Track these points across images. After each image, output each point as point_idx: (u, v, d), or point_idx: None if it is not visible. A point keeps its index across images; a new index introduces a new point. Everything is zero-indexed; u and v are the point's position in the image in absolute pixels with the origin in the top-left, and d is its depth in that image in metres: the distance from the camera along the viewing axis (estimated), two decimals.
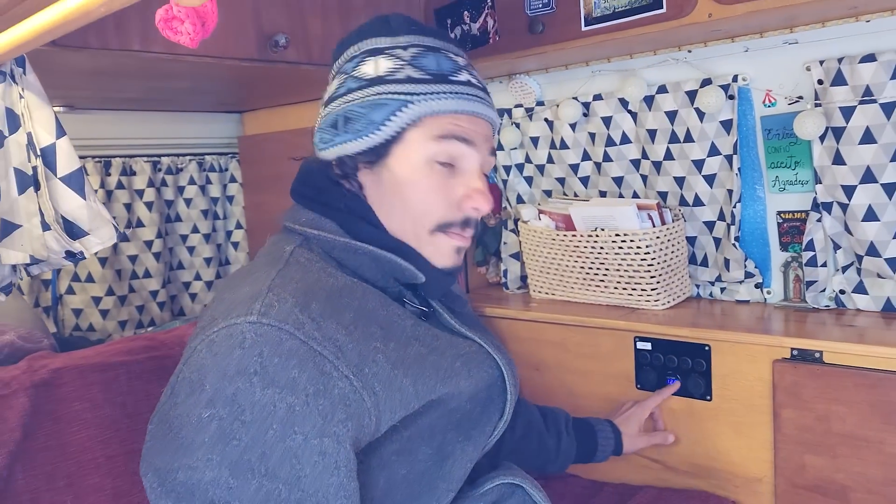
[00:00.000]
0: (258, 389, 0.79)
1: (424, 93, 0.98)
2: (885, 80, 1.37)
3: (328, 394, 0.83)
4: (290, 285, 0.90)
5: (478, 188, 1.02)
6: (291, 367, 0.81)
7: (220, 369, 0.81)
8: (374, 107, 0.99)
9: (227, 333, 0.83)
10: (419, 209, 1.01)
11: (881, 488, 1.30)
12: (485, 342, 1.10)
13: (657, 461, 1.60)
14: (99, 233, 1.15)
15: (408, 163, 1.00)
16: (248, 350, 0.81)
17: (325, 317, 0.87)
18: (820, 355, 1.35)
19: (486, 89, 1.07)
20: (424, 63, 1.00)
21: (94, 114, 2.04)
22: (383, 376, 0.89)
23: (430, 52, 1.02)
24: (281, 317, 0.84)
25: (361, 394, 0.85)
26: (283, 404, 0.80)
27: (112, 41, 1.26)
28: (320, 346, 0.84)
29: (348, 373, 0.85)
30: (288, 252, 0.98)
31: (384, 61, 1.01)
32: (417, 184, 1.00)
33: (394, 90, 0.99)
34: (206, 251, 2.33)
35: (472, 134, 1.01)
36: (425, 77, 1.00)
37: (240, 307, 0.86)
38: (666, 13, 1.36)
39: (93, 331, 2.09)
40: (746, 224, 1.66)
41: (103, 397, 1.26)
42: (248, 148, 2.32)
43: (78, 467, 1.21)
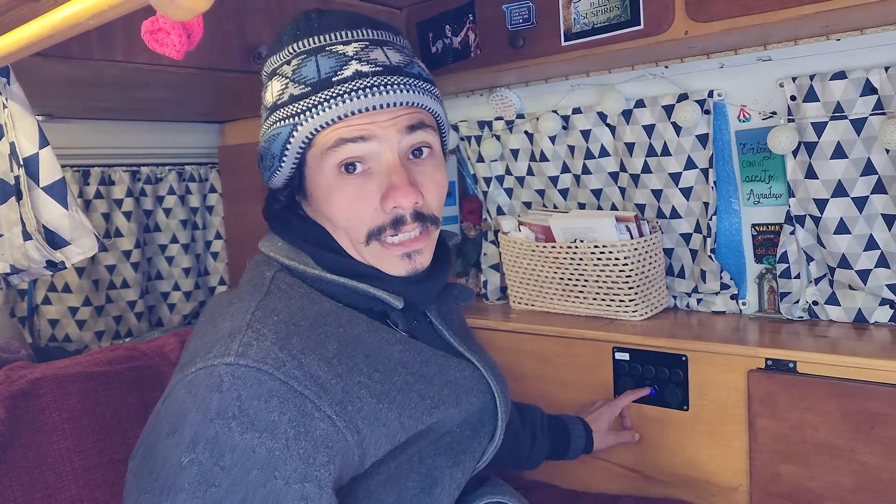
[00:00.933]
0: (237, 434, 0.76)
1: (306, 109, 0.90)
2: (855, 96, 1.41)
3: (310, 436, 0.79)
4: (271, 318, 0.86)
5: (392, 184, 0.91)
6: (271, 410, 0.78)
7: (200, 412, 0.78)
8: (271, 139, 0.94)
9: (205, 374, 0.80)
10: (345, 225, 0.94)
11: (853, 496, 1.32)
12: (479, 362, 1.05)
13: (635, 471, 1.61)
14: (80, 242, 1.14)
15: (318, 184, 0.94)
16: (226, 393, 0.78)
17: (306, 352, 0.84)
18: (794, 365, 1.38)
19: (393, 67, 0.93)
20: (304, 73, 0.91)
21: (73, 123, 2.02)
22: (367, 412, 0.85)
23: (310, 56, 0.92)
24: (260, 356, 0.81)
25: (344, 433, 0.82)
26: (263, 449, 0.77)
27: (95, 51, 1.26)
28: (301, 385, 0.81)
29: (331, 412, 0.82)
30: (269, 278, 0.94)
31: (275, 83, 0.95)
32: (333, 200, 0.93)
33: (281, 116, 0.92)
34: (184, 261, 2.31)
35: (367, 128, 0.90)
36: (305, 91, 0.91)
37: (218, 346, 0.83)
38: (643, 30, 1.39)
39: (69, 341, 2.07)
40: (722, 236, 1.69)
41: (82, 407, 1.24)
42: (227, 158, 2.32)
43: (56, 478, 1.19)
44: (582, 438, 1.50)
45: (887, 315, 1.51)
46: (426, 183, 0.95)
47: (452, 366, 1.00)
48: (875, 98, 1.39)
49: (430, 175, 0.96)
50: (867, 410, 1.30)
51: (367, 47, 0.93)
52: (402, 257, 0.95)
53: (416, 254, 0.96)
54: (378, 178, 0.92)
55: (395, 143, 0.92)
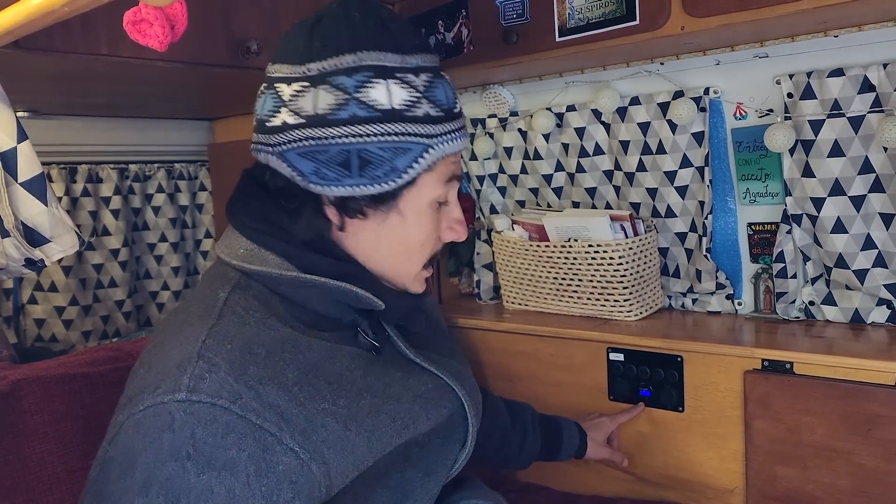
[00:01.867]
0: (192, 475, 0.72)
1: (440, 134, 0.91)
2: (853, 94, 1.39)
3: (272, 471, 0.75)
4: (224, 346, 0.80)
5: (459, 219, 1.00)
6: (229, 447, 0.73)
7: (150, 454, 0.73)
8: (397, 151, 0.88)
9: (154, 413, 0.75)
10: (418, 249, 0.97)
11: (850, 499, 1.31)
12: (442, 372, 1.03)
13: (630, 473, 1.59)
14: (61, 240, 1.11)
15: (415, 206, 0.94)
16: (178, 432, 0.73)
17: (264, 381, 0.79)
18: (790, 366, 1.36)
19: None
20: (437, 96, 0.92)
21: (60, 119, 1.99)
22: (333, 440, 0.81)
23: (437, 79, 0.93)
24: (213, 390, 0.75)
25: (310, 466, 0.78)
26: (222, 489, 0.72)
27: (79, 44, 1.23)
28: (260, 418, 0.76)
29: (293, 444, 0.77)
30: (221, 301, 0.87)
31: (398, 90, 0.88)
32: (421, 225, 0.95)
33: (415, 131, 0.89)
34: (174, 260, 2.29)
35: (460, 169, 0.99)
36: (440, 115, 0.92)
37: (167, 380, 0.77)
38: (639, 25, 1.37)
39: (56, 341, 2.04)
40: (718, 236, 1.68)
41: (65, 410, 1.22)
42: (217, 156, 2.29)
43: (38, 482, 1.17)
44: (575, 440, 1.47)
45: (884, 315, 1.49)
46: None
47: (415, 381, 0.99)
48: (873, 95, 1.37)
49: None
50: (865, 412, 1.28)
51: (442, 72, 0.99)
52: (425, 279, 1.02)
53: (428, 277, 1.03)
54: (447, 211, 0.99)
55: None
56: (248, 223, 0.94)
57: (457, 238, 1.00)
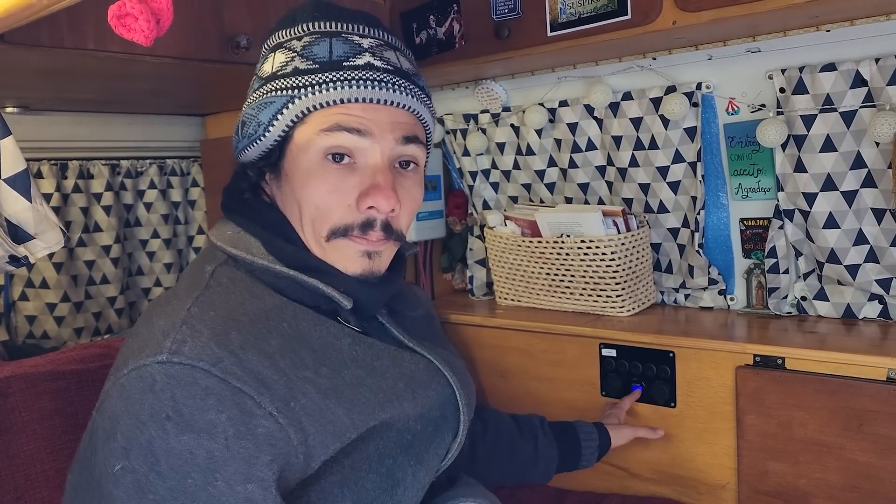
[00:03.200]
0: (172, 436, 0.72)
1: (309, 84, 0.89)
2: (845, 89, 1.38)
3: (251, 434, 0.75)
4: (208, 314, 0.82)
5: (375, 183, 0.90)
6: (209, 409, 0.74)
7: (132, 416, 0.74)
8: (262, 107, 0.91)
9: (137, 376, 0.76)
10: (314, 213, 0.91)
11: (841, 494, 1.31)
12: (434, 356, 1.01)
13: (621, 468, 1.59)
14: (45, 237, 1.10)
15: (299, 164, 0.91)
16: (159, 394, 0.74)
17: (246, 347, 0.79)
18: (782, 362, 1.36)
19: (403, 71, 0.95)
20: (315, 51, 0.90)
21: (50, 115, 1.98)
22: (313, 409, 0.81)
23: (324, 37, 0.91)
24: (194, 353, 0.76)
25: (287, 431, 0.78)
26: (202, 450, 0.73)
27: (66, 39, 1.22)
28: (240, 381, 0.76)
29: (273, 409, 0.77)
30: (209, 273, 0.89)
31: (279, 55, 0.93)
32: (310, 185, 0.90)
33: (280, 85, 0.90)
34: (166, 256, 2.27)
35: (366, 123, 0.89)
36: (312, 67, 0.90)
37: (150, 345, 0.78)
38: (631, 20, 1.36)
39: (47, 338, 2.03)
40: (710, 231, 1.67)
41: (53, 407, 1.21)
42: (210, 152, 2.28)
43: (27, 480, 1.16)
44: (593, 433, 1.38)
45: (876, 310, 1.49)
46: (404, 196, 0.94)
47: (406, 360, 0.97)
48: (865, 90, 1.37)
49: (410, 190, 0.96)
50: (856, 407, 1.28)
51: (382, 46, 0.94)
52: (362, 255, 0.92)
53: (376, 255, 0.94)
54: (361, 175, 0.91)
55: (388, 148, 0.92)
56: (231, 205, 0.98)
57: (373, 205, 0.90)
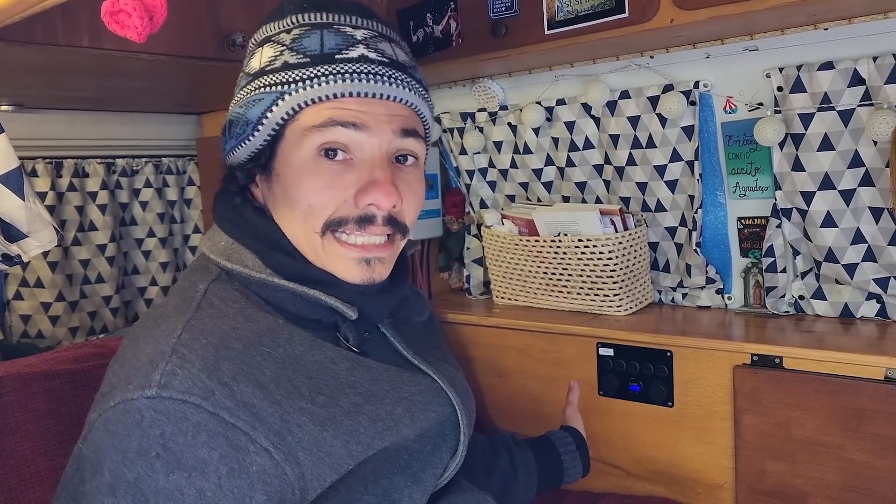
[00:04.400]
0: (161, 475, 0.69)
1: (299, 79, 0.84)
2: (843, 87, 1.38)
3: (244, 472, 0.72)
4: (199, 341, 0.77)
5: (374, 180, 0.85)
6: (200, 446, 0.70)
7: (119, 452, 0.70)
8: (250, 104, 0.87)
9: (124, 410, 0.72)
10: (306, 211, 0.85)
11: (839, 494, 1.30)
12: (437, 373, 0.97)
13: (619, 468, 1.59)
14: (38, 235, 1.09)
15: (290, 163, 0.86)
16: (148, 430, 0.70)
17: (239, 377, 0.75)
18: (780, 361, 1.36)
19: (399, 63, 0.89)
20: (306, 44, 0.86)
21: (45, 113, 1.97)
22: (309, 441, 0.77)
23: (315, 29, 0.87)
24: (185, 387, 0.72)
25: (283, 467, 0.75)
26: (193, 490, 0.69)
27: (60, 36, 1.21)
28: (233, 416, 0.72)
29: (268, 444, 0.74)
30: (200, 293, 0.85)
31: (268, 50, 0.88)
32: (303, 183, 0.85)
33: (269, 81, 0.86)
34: (162, 256, 2.26)
35: (361, 117, 0.85)
36: (302, 60, 0.85)
37: (138, 376, 0.74)
38: (628, 18, 1.35)
39: (42, 338, 2.02)
40: (707, 230, 1.67)
41: (47, 407, 1.20)
42: (206, 150, 2.27)
43: (20, 480, 1.15)
44: (566, 436, 1.33)
45: (874, 310, 1.49)
46: (406, 191, 0.89)
47: (406, 381, 0.92)
48: (863, 89, 1.37)
49: (411, 185, 0.91)
50: (854, 407, 1.28)
51: (377, 38, 0.89)
52: (359, 262, 0.87)
53: (376, 261, 0.89)
54: (358, 170, 0.86)
55: (386, 142, 0.87)
56: (222, 212, 0.93)
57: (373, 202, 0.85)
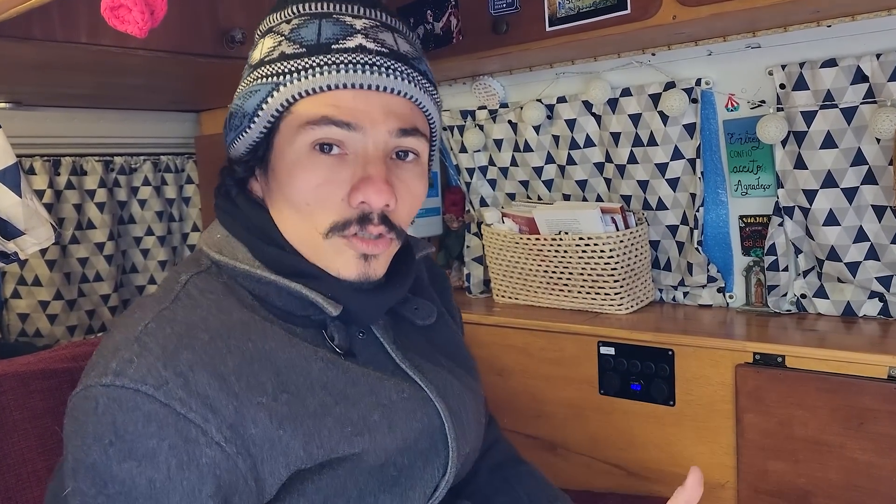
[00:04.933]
0: (114, 462, 0.69)
1: (294, 70, 0.82)
2: (846, 84, 1.37)
3: (194, 464, 0.71)
4: (164, 330, 0.77)
5: (365, 176, 0.81)
6: (150, 436, 0.70)
7: (79, 438, 0.72)
8: (247, 96, 0.85)
9: (83, 396, 0.73)
10: (305, 210, 0.83)
11: (842, 493, 1.30)
12: (427, 382, 0.91)
13: (620, 467, 1.58)
14: (35, 233, 1.08)
15: (285, 157, 0.83)
16: (101, 417, 0.70)
17: (196, 367, 0.74)
18: (782, 360, 1.35)
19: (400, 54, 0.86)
20: (303, 34, 0.83)
21: (43, 111, 1.96)
22: (262, 438, 0.75)
23: (314, 19, 0.84)
24: (139, 375, 0.71)
25: (235, 460, 0.74)
26: (144, 479, 0.69)
27: (58, 32, 1.20)
28: (185, 407, 0.72)
29: (219, 438, 0.73)
30: (181, 284, 0.84)
31: (268, 41, 0.87)
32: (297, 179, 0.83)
33: (265, 72, 0.84)
34: (160, 254, 2.26)
35: (356, 115, 0.81)
36: (298, 51, 0.83)
37: (99, 364, 0.75)
38: (630, 14, 1.35)
39: (40, 336, 2.01)
40: (709, 228, 1.66)
41: (45, 406, 1.19)
42: (205, 148, 2.26)
43: (17, 480, 1.14)
44: None
45: (876, 308, 1.48)
46: (401, 190, 0.85)
47: (387, 387, 0.87)
48: (866, 86, 1.36)
49: (408, 183, 0.87)
50: (856, 406, 1.27)
51: (378, 27, 0.85)
52: (359, 257, 0.84)
53: (373, 258, 0.85)
54: (353, 166, 0.83)
55: (382, 141, 0.83)
56: (221, 205, 0.92)
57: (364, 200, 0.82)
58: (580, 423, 1.62)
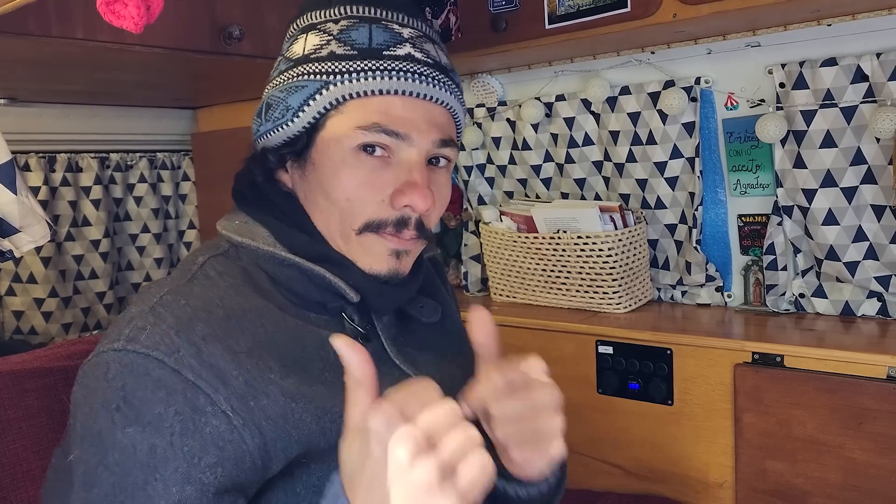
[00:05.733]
0: (119, 428, 0.70)
1: (346, 71, 0.83)
2: (846, 84, 1.37)
3: (198, 433, 0.71)
4: (178, 302, 0.78)
5: (412, 181, 0.84)
6: (158, 402, 0.70)
7: (87, 405, 0.72)
8: (292, 90, 0.86)
9: (95, 363, 0.74)
10: (344, 206, 0.85)
11: (840, 493, 1.30)
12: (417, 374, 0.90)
13: (618, 466, 1.58)
14: (31, 230, 1.07)
15: (330, 154, 0.85)
16: (111, 382, 0.71)
17: (209, 339, 0.75)
18: (781, 359, 1.35)
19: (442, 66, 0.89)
20: (354, 36, 0.85)
21: (38, 107, 1.95)
22: (275, 410, 0.76)
23: (363, 23, 0.86)
24: (151, 341, 0.72)
25: (242, 433, 0.73)
26: (145, 445, 0.70)
27: (54, 28, 1.19)
28: (195, 375, 0.72)
29: (227, 408, 0.73)
30: (198, 265, 0.85)
31: (312, 37, 0.88)
32: (341, 176, 0.85)
33: (313, 69, 0.85)
34: (156, 251, 2.25)
35: (405, 124, 0.84)
36: (350, 52, 0.84)
37: (113, 332, 0.75)
38: (630, 12, 1.34)
39: (35, 334, 2.00)
40: (708, 227, 1.66)
41: (40, 405, 1.18)
42: (201, 145, 2.25)
43: (12, 479, 1.13)
44: None
45: (875, 308, 1.48)
46: (437, 195, 0.89)
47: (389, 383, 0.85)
48: (866, 85, 1.36)
49: (441, 188, 0.90)
50: (855, 406, 1.27)
51: (422, 38, 0.89)
52: (391, 253, 0.87)
53: (405, 254, 0.88)
54: (396, 170, 0.85)
55: (425, 151, 0.86)
56: (245, 194, 0.93)
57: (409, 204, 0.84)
58: (578, 423, 1.62)
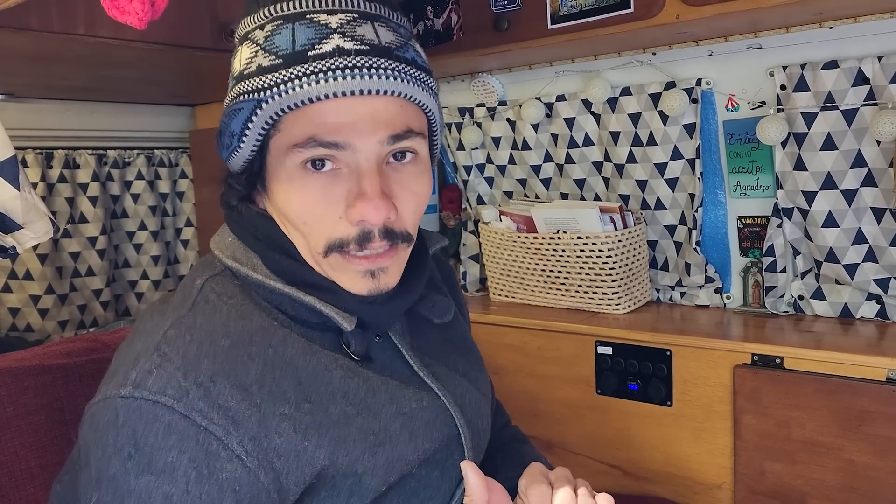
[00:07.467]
0: (133, 476, 0.68)
1: (273, 84, 0.76)
2: (847, 86, 1.37)
3: (214, 478, 0.69)
4: (183, 338, 0.75)
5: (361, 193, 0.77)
6: (169, 448, 0.68)
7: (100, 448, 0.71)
8: (233, 114, 0.80)
9: (103, 407, 0.72)
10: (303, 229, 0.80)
11: (839, 495, 1.30)
12: (444, 391, 0.89)
13: (616, 467, 1.58)
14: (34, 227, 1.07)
15: (279, 177, 0.79)
16: (122, 429, 0.69)
17: (218, 377, 0.72)
18: (780, 361, 1.35)
19: (381, 47, 0.78)
20: (277, 42, 0.77)
21: (36, 103, 1.93)
22: (287, 450, 0.73)
23: (287, 23, 0.78)
24: (158, 386, 0.70)
25: (257, 474, 0.71)
26: (160, 494, 0.68)
27: (55, 23, 1.19)
28: (206, 419, 0.70)
29: (241, 451, 0.71)
30: (197, 289, 0.82)
31: (245, 50, 0.80)
32: (292, 198, 0.79)
33: (245, 89, 0.78)
34: (153, 249, 2.24)
35: (342, 130, 0.76)
36: (275, 62, 0.76)
37: (119, 374, 0.73)
38: (633, 13, 1.34)
39: (31, 331, 1.99)
40: (707, 229, 1.66)
41: (38, 403, 1.17)
42: (199, 143, 2.24)
43: (10, 478, 1.12)
44: None
45: (874, 310, 1.49)
46: (403, 194, 0.81)
47: (407, 396, 0.85)
48: (867, 88, 1.36)
49: (410, 184, 0.82)
50: (854, 407, 1.27)
51: (355, 20, 0.79)
52: (364, 274, 0.81)
53: (380, 272, 0.81)
54: (347, 181, 0.78)
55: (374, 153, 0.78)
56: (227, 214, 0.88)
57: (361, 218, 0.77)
58: (577, 423, 1.62)
